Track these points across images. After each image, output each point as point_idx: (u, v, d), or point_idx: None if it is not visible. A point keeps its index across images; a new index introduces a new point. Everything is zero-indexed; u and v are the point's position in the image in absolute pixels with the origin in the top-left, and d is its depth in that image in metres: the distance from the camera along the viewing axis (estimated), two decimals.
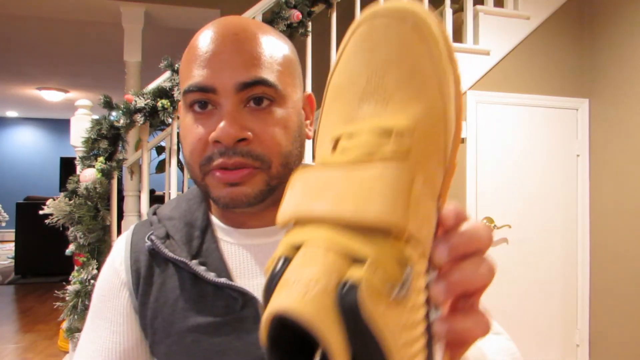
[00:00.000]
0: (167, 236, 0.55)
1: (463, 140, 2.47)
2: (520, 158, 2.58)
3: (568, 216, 2.66)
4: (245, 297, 0.51)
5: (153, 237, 0.54)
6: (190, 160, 0.52)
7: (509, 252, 2.54)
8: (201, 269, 0.52)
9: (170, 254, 0.53)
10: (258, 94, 0.50)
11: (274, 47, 0.52)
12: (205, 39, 0.51)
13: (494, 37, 2.52)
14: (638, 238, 2.37)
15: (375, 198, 0.23)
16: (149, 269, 0.55)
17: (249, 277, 0.54)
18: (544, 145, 2.62)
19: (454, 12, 2.76)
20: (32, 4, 3.24)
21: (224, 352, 0.50)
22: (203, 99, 0.50)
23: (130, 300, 0.56)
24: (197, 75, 0.50)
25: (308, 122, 0.59)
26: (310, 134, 0.59)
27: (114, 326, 0.55)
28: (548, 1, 2.64)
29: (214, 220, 0.59)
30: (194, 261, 0.53)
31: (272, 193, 0.52)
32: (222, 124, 0.48)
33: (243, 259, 0.55)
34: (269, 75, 0.50)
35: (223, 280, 0.51)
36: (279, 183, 0.52)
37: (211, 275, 0.51)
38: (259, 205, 0.53)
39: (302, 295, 0.21)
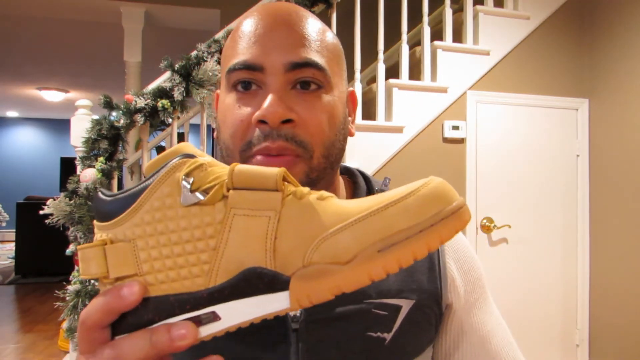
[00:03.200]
0: None
1: (463, 140, 2.47)
2: (520, 158, 2.58)
3: (568, 216, 2.66)
4: None
5: None
6: (231, 144, 0.48)
7: (509, 252, 2.54)
8: None
9: None
10: (307, 77, 0.47)
11: (324, 33, 0.51)
12: (254, 19, 0.49)
13: (494, 37, 2.52)
14: (638, 238, 2.37)
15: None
16: None
17: None
18: (544, 145, 2.62)
19: (454, 12, 2.76)
20: (32, 4, 3.24)
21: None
22: (248, 78, 0.48)
23: None
24: (244, 53, 0.47)
25: (350, 119, 0.56)
26: (353, 131, 0.57)
27: None
28: (548, 1, 2.64)
29: None
30: None
31: (311, 188, 0.50)
32: (268, 102, 0.45)
33: None
34: (320, 59, 0.48)
35: None
36: (319, 177, 0.49)
37: None
38: None
39: None
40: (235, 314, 0.29)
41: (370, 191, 0.60)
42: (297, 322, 0.48)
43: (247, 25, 0.49)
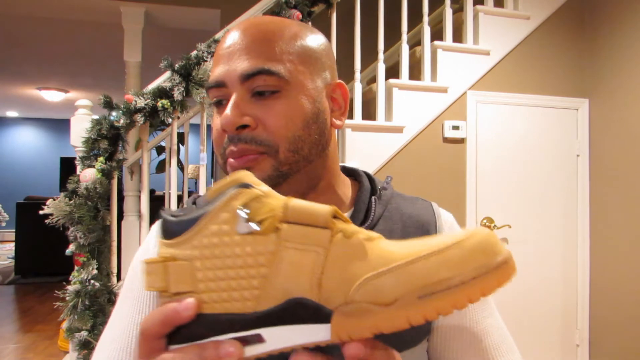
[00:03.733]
0: None
1: (463, 140, 2.47)
2: (520, 158, 2.58)
3: (568, 216, 2.66)
4: None
5: None
6: (216, 151, 0.56)
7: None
8: None
9: None
10: (260, 85, 0.52)
11: (287, 38, 0.54)
12: (223, 40, 0.56)
13: (494, 37, 2.52)
14: (638, 238, 2.37)
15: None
16: None
17: None
18: (544, 145, 2.62)
19: (454, 12, 2.76)
20: (32, 4, 3.24)
21: None
22: (218, 96, 0.54)
23: None
24: (213, 72, 0.55)
25: (337, 111, 0.59)
26: (339, 123, 0.59)
27: (139, 304, 0.58)
28: (548, 1, 2.64)
29: None
30: None
31: (284, 180, 0.53)
32: (224, 113, 0.51)
33: None
34: (274, 65, 0.52)
35: None
36: (290, 170, 0.53)
37: None
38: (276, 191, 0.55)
39: None
40: (279, 339, 0.31)
41: (374, 191, 0.63)
42: None
43: (220, 44, 0.56)
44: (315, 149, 0.55)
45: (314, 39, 0.57)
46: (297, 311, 0.30)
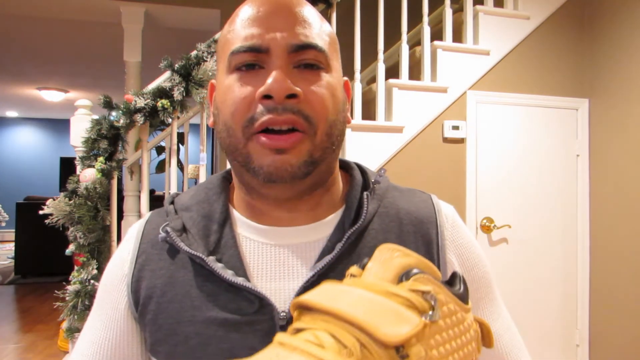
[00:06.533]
0: (184, 229, 0.53)
1: (463, 140, 2.47)
2: (520, 158, 2.58)
3: (568, 216, 2.66)
4: (261, 302, 0.48)
5: (169, 229, 0.52)
6: (232, 123, 0.48)
7: (509, 252, 2.54)
8: (218, 267, 0.49)
9: (187, 249, 0.50)
10: (310, 59, 0.49)
11: (322, 19, 0.53)
12: (254, 4, 0.50)
13: (494, 37, 2.52)
14: (638, 238, 2.37)
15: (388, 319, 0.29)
16: (157, 262, 0.53)
17: (267, 279, 0.51)
18: (543, 145, 2.62)
19: (454, 12, 2.76)
20: (32, 4, 3.24)
21: (231, 356, 0.47)
22: (252, 60, 0.48)
23: (127, 294, 0.54)
24: (247, 35, 0.48)
25: (347, 106, 0.56)
26: (350, 118, 0.57)
27: (109, 321, 0.54)
28: (548, 1, 2.64)
29: (235, 213, 0.56)
30: (211, 257, 0.50)
31: (314, 168, 0.49)
32: (272, 78, 0.46)
33: (263, 259, 0.52)
34: (320, 42, 0.50)
35: (241, 280, 0.48)
36: (321, 157, 0.49)
37: (228, 274, 0.48)
38: (298, 184, 0.49)
39: None
40: None
41: (366, 185, 0.58)
42: (284, 320, 0.48)
43: (249, 9, 0.50)
44: (339, 139, 0.52)
45: (333, 31, 0.55)
46: None
